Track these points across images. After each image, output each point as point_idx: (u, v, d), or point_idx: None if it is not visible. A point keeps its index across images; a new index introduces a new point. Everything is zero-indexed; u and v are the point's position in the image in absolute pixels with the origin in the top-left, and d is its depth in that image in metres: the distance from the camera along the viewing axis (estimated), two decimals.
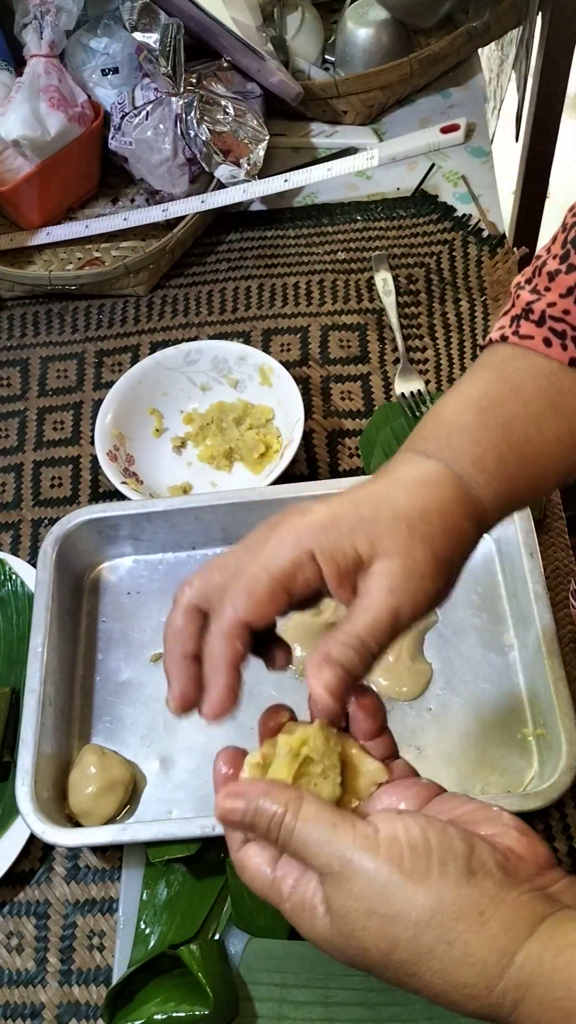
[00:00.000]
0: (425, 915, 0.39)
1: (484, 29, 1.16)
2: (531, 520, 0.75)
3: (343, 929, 0.40)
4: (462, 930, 0.38)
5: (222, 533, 0.81)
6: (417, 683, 0.73)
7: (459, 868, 0.40)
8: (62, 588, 0.77)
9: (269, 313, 1.02)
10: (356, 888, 0.40)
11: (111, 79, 1.11)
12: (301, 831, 0.41)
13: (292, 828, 0.42)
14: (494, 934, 0.38)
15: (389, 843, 0.40)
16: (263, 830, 0.42)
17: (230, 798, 0.43)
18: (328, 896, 0.41)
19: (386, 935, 0.39)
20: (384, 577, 0.44)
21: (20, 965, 0.69)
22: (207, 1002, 0.60)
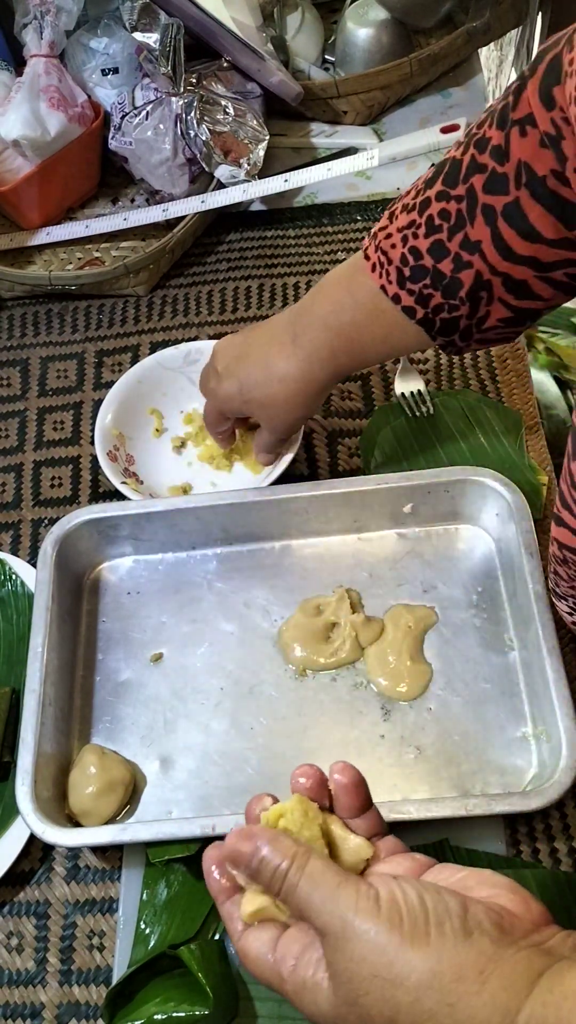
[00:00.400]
0: (425, 978, 0.39)
1: (484, 29, 1.16)
2: (531, 520, 0.75)
3: (347, 997, 0.41)
4: (463, 991, 0.39)
5: (222, 533, 0.81)
6: (417, 683, 0.73)
7: (455, 928, 0.40)
8: (62, 588, 0.77)
9: (269, 313, 1.02)
10: (357, 951, 0.40)
11: (111, 79, 1.11)
12: (304, 888, 0.42)
13: (296, 884, 0.43)
14: (495, 992, 0.38)
15: (389, 906, 0.41)
16: (266, 879, 0.44)
17: (241, 838, 0.45)
18: (331, 961, 0.41)
19: (388, 1000, 0.40)
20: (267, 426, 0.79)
21: (20, 965, 0.69)
22: (207, 1002, 0.60)
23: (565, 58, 0.50)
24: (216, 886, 0.48)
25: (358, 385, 0.95)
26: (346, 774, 0.49)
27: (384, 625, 0.76)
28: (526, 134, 0.54)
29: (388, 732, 0.72)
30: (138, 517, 0.79)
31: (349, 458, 0.90)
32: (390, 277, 0.62)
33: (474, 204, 0.58)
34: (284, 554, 0.82)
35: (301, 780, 0.49)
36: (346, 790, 0.49)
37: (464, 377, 0.94)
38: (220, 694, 0.75)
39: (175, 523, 0.80)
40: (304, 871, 0.43)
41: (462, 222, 0.59)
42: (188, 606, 0.80)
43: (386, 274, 0.62)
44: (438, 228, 0.60)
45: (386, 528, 0.81)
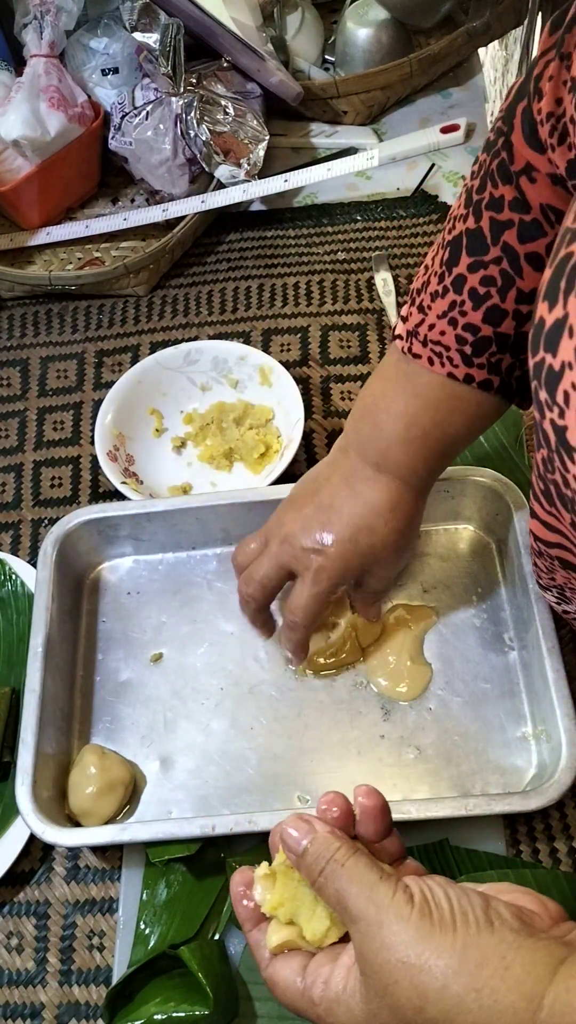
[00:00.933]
0: (452, 964, 0.41)
1: (484, 29, 1.16)
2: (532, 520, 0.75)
3: (378, 987, 0.42)
4: (488, 976, 0.40)
5: (222, 533, 0.81)
6: (417, 683, 0.73)
7: (478, 917, 0.42)
8: (62, 588, 0.77)
9: (269, 313, 1.02)
10: (388, 938, 0.42)
11: (111, 79, 1.11)
12: (345, 876, 0.45)
13: (339, 868, 0.45)
14: (519, 978, 0.40)
15: (421, 899, 0.43)
16: (310, 862, 0.46)
17: (300, 823, 0.48)
18: (361, 951, 0.43)
19: (416, 987, 0.41)
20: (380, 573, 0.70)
21: (20, 965, 0.69)
22: (207, 1002, 0.60)
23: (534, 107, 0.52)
24: (244, 912, 0.50)
25: (358, 385, 0.95)
26: (371, 798, 0.50)
27: (384, 626, 0.76)
28: (535, 180, 0.55)
29: (388, 732, 0.72)
30: (138, 517, 0.79)
31: None
32: (455, 362, 0.60)
33: (515, 257, 0.57)
34: None
35: (326, 808, 0.50)
36: (371, 816, 0.50)
37: None
38: (220, 694, 0.75)
39: (175, 523, 0.80)
40: (350, 860, 0.45)
41: (509, 279, 0.58)
42: (188, 606, 0.80)
43: (449, 361, 0.60)
44: (486, 296, 0.58)
45: None
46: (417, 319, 0.61)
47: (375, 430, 0.64)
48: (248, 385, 0.92)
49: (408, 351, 0.62)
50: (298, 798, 0.70)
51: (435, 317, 0.60)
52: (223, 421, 0.91)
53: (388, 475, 0.65)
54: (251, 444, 0.88)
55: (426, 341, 0.61)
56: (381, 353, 0.97)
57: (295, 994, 0.46)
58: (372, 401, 0.65)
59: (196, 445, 0.91)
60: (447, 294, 0.59)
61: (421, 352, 0.61)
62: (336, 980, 0.45)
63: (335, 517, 0.66)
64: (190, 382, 0.92)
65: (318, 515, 0.66)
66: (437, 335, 0.60)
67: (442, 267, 0.59)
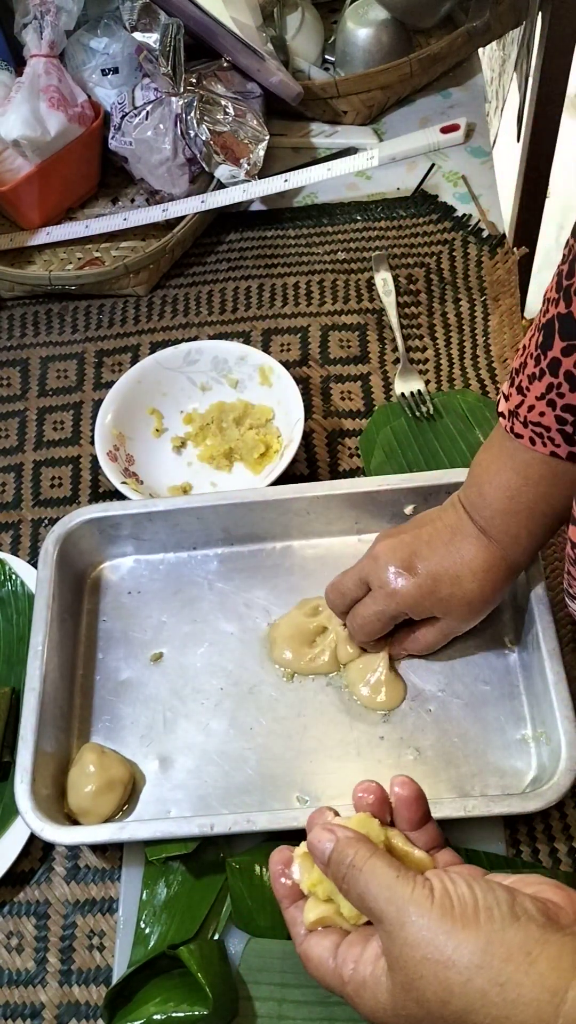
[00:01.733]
0: (476, 958, 0.41)
1: (484, 29, 1.16)
2: None
3: (404, 982, 0.43)
4: (512, 971, 0.41)
5: (223, 533, 0.81)
6: (393, 696, 0.73)
7: (503, 913, 0.42)
8: (63, 587, 0.77)
9: (269, 313, 1.02)
10: (412, 935, 0.43)
11: (111, 79, 1.11)
12: (364, 876, 0.46)
13: (359, 871, 0.46)
14: (543, 972, 0.40)
15: (442, 895, 0.44)
16: (333, 867, 0.47)
17: (324, 832, 0.49)
18: (387, 948, 0.44)
19: (441, 982, 0.42)
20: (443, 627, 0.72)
21: (20, 965, 0.69)
22: (207, 1002, 0.60)
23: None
24: (282, 890, 0.52)
25: (358, 385, 0.95)
26: (406, 788, 0.52)
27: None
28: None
29: (387, 733, 0.72)
30: (139, 517, 0.79)
31: (349, 458, 0.90)
32: (556, 442, 0.61)
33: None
34: (285, 555, 0.82)
35: (363, 795, 0.52)
36: (406, 804, 0.51)
37: (464, 377, 0.94)
38: (220, 694, 0.75)
39: (176, 523, 0.80)
40: (368, 862, 0.46)
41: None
42: (189, 606, 0.80)
43: (551, 441, 0.61)
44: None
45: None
46: (517, 400, 0.62)
47: (482, 499, 0.67)
48: (248, 385, 0.92)
49: (510, 430, 0.63)
50: (297, 798, 0.70)
51: (534, 399, 0.60)
52: (223, 421, 0.91)
53: (491, 540, 0.67)
54: (251, 444, 0.88)
55: (527, 422, 0.62)
56: (381, 353, 0.97)
57: (327, 971, 0.48)
58: (480, 471, 0.67)
59: (196, 445, 0.91)
60: (544, 377, 0.59)
61: (523, 432, 0.62)
62: (364, 964, 0.46)
63: (429, 553, 0.68)
64: (190, 382, 0.93)
65: (413, 545, 0.69)
66: (537, 416, 0.61)
67: (537, 350, 0.59)
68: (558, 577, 0.80)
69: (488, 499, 0.66)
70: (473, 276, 1.02)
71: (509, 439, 0.64)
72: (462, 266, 1.03)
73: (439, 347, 0.97)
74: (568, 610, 0.69)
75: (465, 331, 0.98)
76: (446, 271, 1.03)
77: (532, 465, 0.63)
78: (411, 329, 0.99)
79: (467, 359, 0.96)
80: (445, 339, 0.97)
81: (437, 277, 1.03)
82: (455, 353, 0.96)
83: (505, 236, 1.06)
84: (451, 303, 1.00)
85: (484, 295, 1.00)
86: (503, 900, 0.43)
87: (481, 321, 0.98)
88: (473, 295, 1.01)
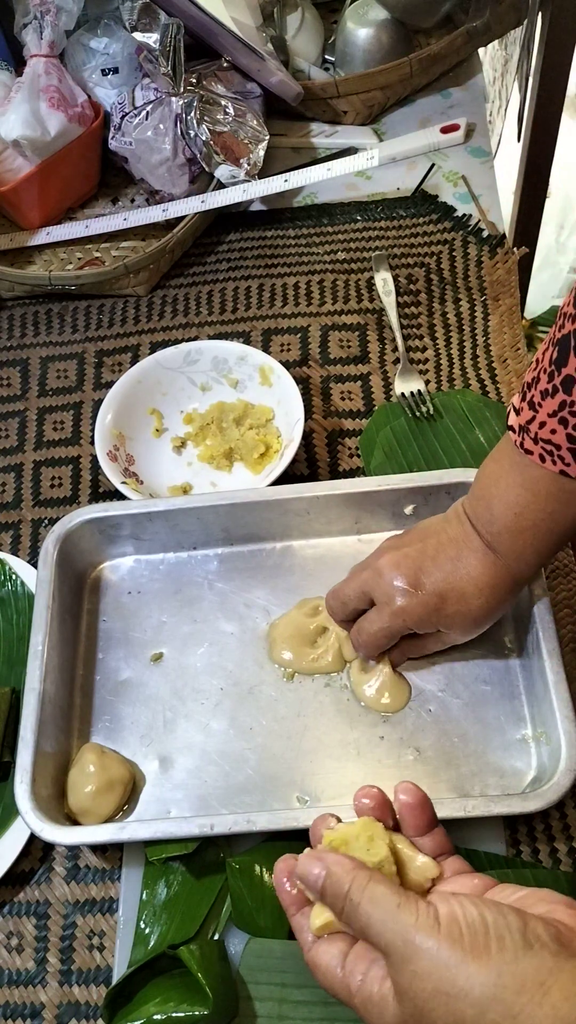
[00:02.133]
0: (488, 991, 0.40)
1: (484, 29, 1.16)
2: None
3: (413, 1012, 0.42)
4: (525, 1002, 0.40)
5: (223, 533, 0.81)
6: (398, 698, 0.73)
7: (515, 941, 0.41)
8: (63, 587, 0.77)
9: (269, 313, 1.02)
10: (420, 968, 0.42)
11: (111, 79, 1.11)
12: (365, 908, 0.44)
13: (357, 904, 0.44)
14: (556, 1003, 0.39)
15: (448, 922, 0.42)
16: (330, 899, 0.46)
17: (311, 861, 0.47)
18: (395, 979, 0.43)
19: (453, 1013, 0.41)
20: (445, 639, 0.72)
21: (20, 965, 0.69)
22: (207, 1002, 0.60)
23: None
24: (287, 898, 0.51)
25: (358, 385, 0.95)
26: (410, 794, 0.51)
27: None
28: None
29: (387, 733, 0.72)
30: (140, 517, 0.79)
31: (349, 458, 0.90)
32: (567, 460, 0.60)
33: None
34: (285, 555, 0.82)
35: (364, 801, 0.51)
36: (411, 810, 0.51)
37: (464, 377, 0.94)
38: (220, 694, 0.75)
39: (176, 523, 0.80)
40: (365, 892, 0.44)
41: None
42: (189, 606, 0.80)
43: (561, 459, 0.60)
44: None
45: (388, 530, 0.81)
46: (528, 415, 0.61)
47: (488, 513, 0.66)
48: (248, 385, 0.92)
49: (520, 446, 0.62)
50: (297, 799, 0.70)
51: (546, 415, 0.59)
52: (223, 421, 0.91)
53: (497, 555, 0.66)
54: (251, 444, 0.88)
55: (537, 439, 0.61)
56: (381, 353, 0.97)
57: (335, 980, 0.47)
58: (487, 485, 0.66)
59: (196, 445, 0.91)
60: (557, 394, 0.58)
61: (533, 448, 0.61)
62: (371, 981, 0.45)
63: (435, 569, 0.67)
64: (190, 382, 0.93)
65: (419, 560, 0.68)
66: (548, 434, 0.60)
67: (552, 366, 0.58)
68: (558, 577, 0.80)
69: (496, 515, 0.65)
70: (473, 276, 1.02)
71: (518, 454, 0.63)
72: (462, 266, 1.03)
73: (439, 347, 0.97)
74: (570, 610, 0.69)
75: (465, 331, 0.98)
76: (446, 271, 1.03)
77: (541, 482, 0.62)
78: (411, 329, 0.99)
79: (467, 359, 0.96)
80: (445, 339, 0.97)
81: (437, 277, 1.03)
82: (455, 353, 0.96)
83: (505, 236, 1.06)
84: (451, 303, 1.00)
85: (484, 295, 1.00)
86: (515, 927, 0.42)
87: (481, 321, 0.98)
88: (473, 295, 1.01)
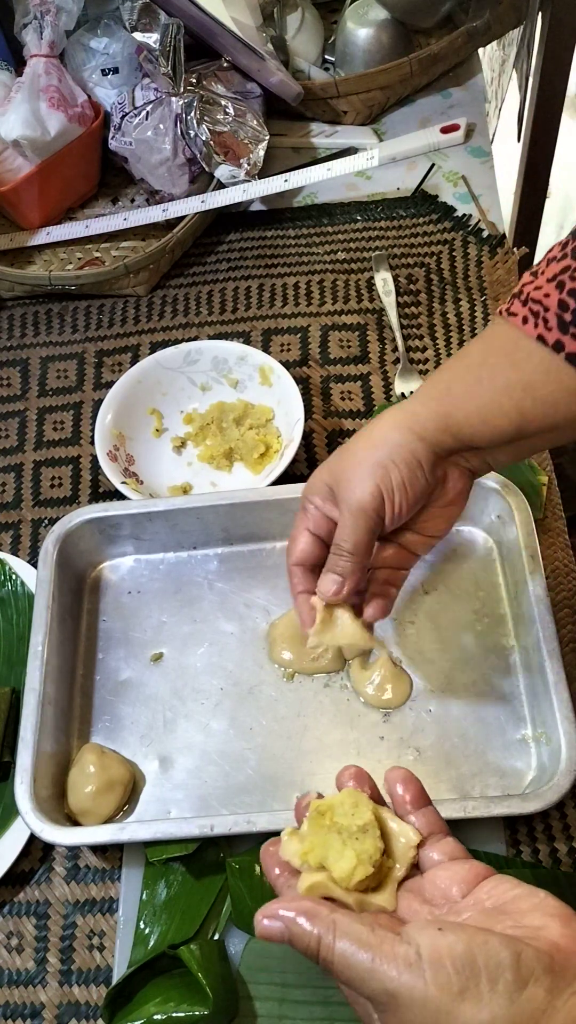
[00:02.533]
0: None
1: (484, 29, 1.16)
2: (532, 521, 0.75)
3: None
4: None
5: (223, 533, 0.81)
6: (400, 691, 0.73)
7: (508, 982, 0.39)
8: (63, 587, 0.77)
9: (269, 313, 1.02)
10: (408, 1017, 0.40)
11: (111, 79, 1.11)
12: (339, 964, 0.42)
13: (332, 962, 0.42)
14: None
15: (435, 968, 0.40)
16: (303, 951, 0.43)
17: (267, 919, 0.44)
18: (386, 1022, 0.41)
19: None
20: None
21: (20, 965, 0.69)
22: (207, 1002, 0.60)
23: None
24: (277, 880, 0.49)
25: (358, 385, 0.95)
26: (396, 771, 0.51)
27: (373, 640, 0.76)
28: None
29: (388, 733, 0.72)
30: (139, 517, 0.79)
31: None
32: (549, 324, 0.56)
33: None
34: (285, 555, 0.81)
35: (347, 780, 0.52)
36: (398, 781, 0.51)
37: None
38: (220, 694, 0.75)
39: (176, 523, 0.80)
40: (335, 951, 0.42)
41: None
42: (189, 606, 0.80)
43: (544, 323, 0.56)
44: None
45: None
46: (527, 281, 0.59)
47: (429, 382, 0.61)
48: (248, 385, 0.92)
49: (506, 311, 0.59)
50: (297, 798, 0.70)
51: (544, 280, 0.57)
52: (223, 421, 0.91)
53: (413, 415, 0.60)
54: (251, 444, 0.88)
55: (527, 300, 0.57)
56: (381, 353, 0.97)
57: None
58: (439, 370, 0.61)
59: (196, 445, 0.91)
60: (563, 260, 0.57)
61: (518, 311, 0.57)
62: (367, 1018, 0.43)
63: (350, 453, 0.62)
64: (190, 382, 0.93)
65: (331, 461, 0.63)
66: (541, 296, 0.57)
67: (570, 237, 0.57)
68: (558, 577, 0.80)
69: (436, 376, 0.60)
70: (473, 276, 1.02)
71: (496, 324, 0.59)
72: (462, 266, 1.03)
73: (439, 347, 0.97)
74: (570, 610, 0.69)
75: (465, 331, 0.98)
76: (446, 271, 1.03)
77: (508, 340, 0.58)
78: (411, 329, 0.99)
79: None
80: (445, 339, 0.97)
81: (437, 277, 1.03)
82: (455, 353, 0.96)
83: (505, 236, 1.06)
84: (451, 303, 1.00)
85: (484, 295, 1.00)
86: (507, 964, 0.40)
87: (481, 321, 0.98)
88: (473, 295, 1.01)
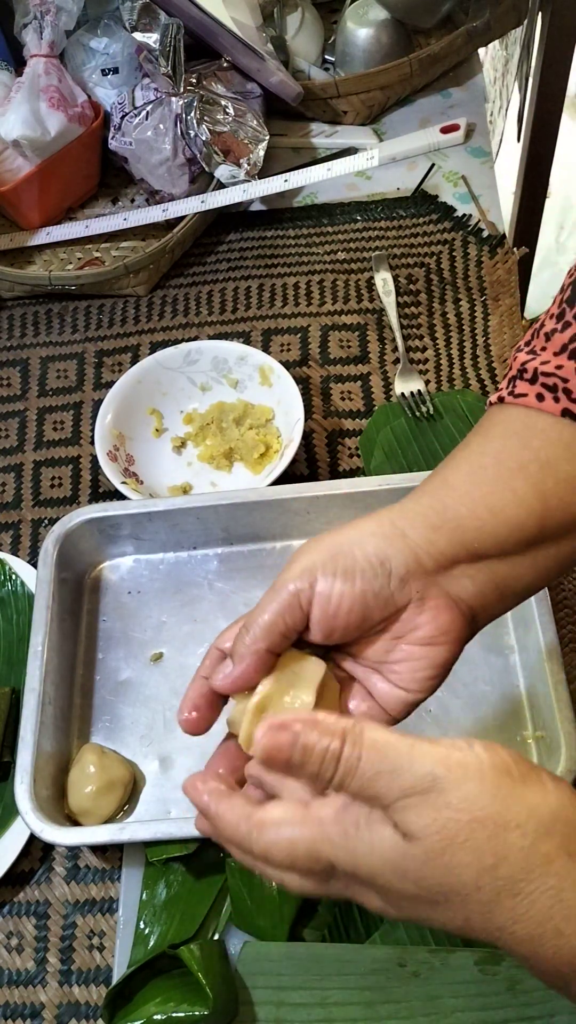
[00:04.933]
0: (546, 822, 0.36)
1: (484, 29, 1.16)
2: None
3: (433, 846, 0.36)
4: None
5: (223, 533, 0.81)
6: None
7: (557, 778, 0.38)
8: (63, 587, 0.77)
9: (269, 313, 1.02)
10: (456, 798, 0.36)
11: (111, 79, 1.11)
12: (368, 759, 0.37)
13: (358, 759, 0.37)
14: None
15: (491, 752, 0.38)
16: (314, 768, 0.38)
17: (274, 731, 0.38)
18: (408, 820, 0.37)
19: (496, 845, 0.36)
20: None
21: (20, 965, 0.69)
22: (207, 1002, 0.60)
23: None
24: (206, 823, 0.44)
25: (358, 385, 0.95)
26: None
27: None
28: None
29: None
30: (139, 516, 0.79)
31: (349, 458, 0.90)
32: (572, 396, 0.49)
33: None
34: (285, 555, 0.82)
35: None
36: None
37: (464, 377, 0.94)
38: None
39: (176, 523, 0.80)
40: (362, 743, 0.37)
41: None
42: (189, 606, 0.80)
43: (566, 394, 0.49)
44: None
45: None
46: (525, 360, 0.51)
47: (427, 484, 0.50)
48: (248, 385, 0.92)
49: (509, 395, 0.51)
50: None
51: (551, 354, 0.50)
52: (223, 421, 0.91)
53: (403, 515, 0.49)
54: (251, 444, 0.88)
55: (535, 377, 0.50)
56: (381, 353, 0.97)
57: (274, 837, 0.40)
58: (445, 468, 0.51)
59: (196, 445, 0.91)
60: (568, 328, 0.50)
61: (527, 390, 0.50)
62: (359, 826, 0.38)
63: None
64: (190, 382, 0.93)
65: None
66: (552, 369, 0.50)
67: (561, 307, 0.51)
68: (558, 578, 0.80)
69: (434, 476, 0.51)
70: (473, 276, 1.02)
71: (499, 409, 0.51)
72: (462, 266, 1.03)
73: (439, 347, 0.97)
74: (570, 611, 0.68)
75: (465, 331, 0.98)
76: (446, 271, 1.03)
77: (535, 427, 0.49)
78: (411, 329, 0.99)
79: (467, 359, 0.96)
80: (445, 339, 0.97)
81: (437, 277, 1.03)
82: (455, 353, 0.96)
83: (505, 236, 1.06)
84: (451, 303, 1.00)
85: (484, 295, 1.00)
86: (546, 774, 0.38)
87: (481, 321, 0.98)
88: (473, 295, 1.01)
